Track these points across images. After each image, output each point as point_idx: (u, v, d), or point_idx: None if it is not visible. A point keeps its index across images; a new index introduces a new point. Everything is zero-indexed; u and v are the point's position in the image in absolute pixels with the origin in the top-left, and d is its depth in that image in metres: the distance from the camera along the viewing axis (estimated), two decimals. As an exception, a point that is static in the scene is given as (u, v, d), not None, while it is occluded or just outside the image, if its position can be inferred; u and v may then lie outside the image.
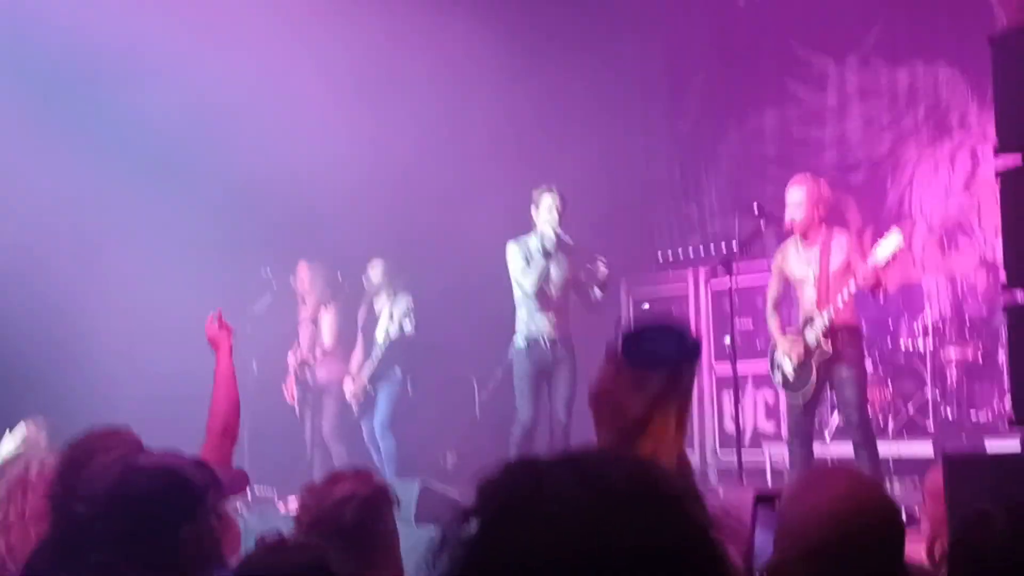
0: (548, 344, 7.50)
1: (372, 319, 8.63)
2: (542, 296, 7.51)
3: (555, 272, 7.54)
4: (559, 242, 7.43)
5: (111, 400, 7.64)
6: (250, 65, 8.62)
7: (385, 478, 7.61)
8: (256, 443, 8.19)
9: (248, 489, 6.17)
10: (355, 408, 8.62)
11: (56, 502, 2.94)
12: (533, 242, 7.52)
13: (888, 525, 2.24)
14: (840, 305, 6.35)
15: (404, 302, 8.35)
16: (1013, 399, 3.59)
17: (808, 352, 6.47)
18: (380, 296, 8.60)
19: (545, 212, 7.47)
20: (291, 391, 9.01)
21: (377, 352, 8.46)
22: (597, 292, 7.55)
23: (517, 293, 7.58)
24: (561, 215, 7.45)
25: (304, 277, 8.96)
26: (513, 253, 7.55)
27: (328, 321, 8.90)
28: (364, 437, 8.57)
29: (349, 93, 8.93)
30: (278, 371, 9.09)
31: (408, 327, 8.29)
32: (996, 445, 6.85)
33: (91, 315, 8.39)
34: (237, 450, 3.84)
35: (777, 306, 6.83)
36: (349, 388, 8.63)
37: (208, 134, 8.50)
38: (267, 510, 7.76)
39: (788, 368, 6.58)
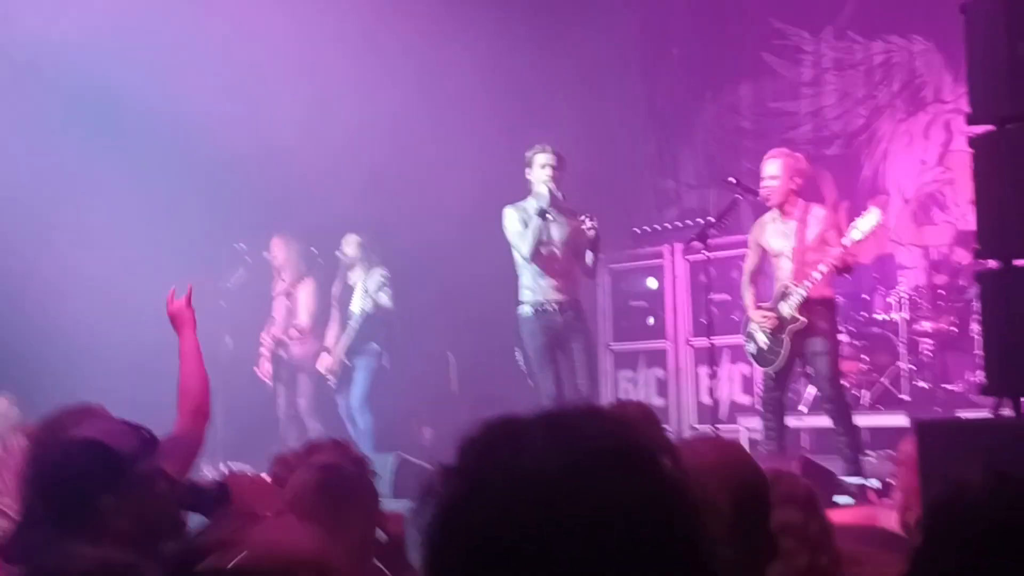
0: (556, 309, 7.13)
1: (347, 293, 8.59)
2: (544, 259, 7.13)
3: (556, 232, 7.18)
4: (553, 200, 7.07)
5: (83, 374, 7.60)
6: (223, 37, 8.55)
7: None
8: (229, 419, 8.16)
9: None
10: (332, 382, 8.58)
11: (25, 480, 2.92)
12: (530, 204, 7.15)
13: (753, 489, 2.24)
14: (817, 278, 6.35)
15: (378, 275, 8.30)
16: (986, 365, 3.61)
17: (781, 325, 6.48)
18: (355, 270, 8.55)
19: (538, 170, 7.11)
20: (264, 368, 8.95)
21: (353, 326, 8.41)
22: (589, 255, 7.21)
23: (517, 258, 7.20)
24: (557, 173, 7.10)
25: (279, 251, 8.89)
26: (510, 216, 7.17)
27: (304, 296, 8.84)
28: (340, 412, 8.52)
29: (324, 65, 8.89)
30: (252, 346, 9.05)
31: (385, 300, 8.24)
32: (969, 416, 6.89)
33: (61, 289, 8.34)
34: (210, 426, 3.80)
35: (753, 279, 6.83)
36: (325, 362, 8.57)
37: (180, 106, 8.44)
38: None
39: (761, 340, 6.60)
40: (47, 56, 8.35)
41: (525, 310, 7.20)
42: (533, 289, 7.17)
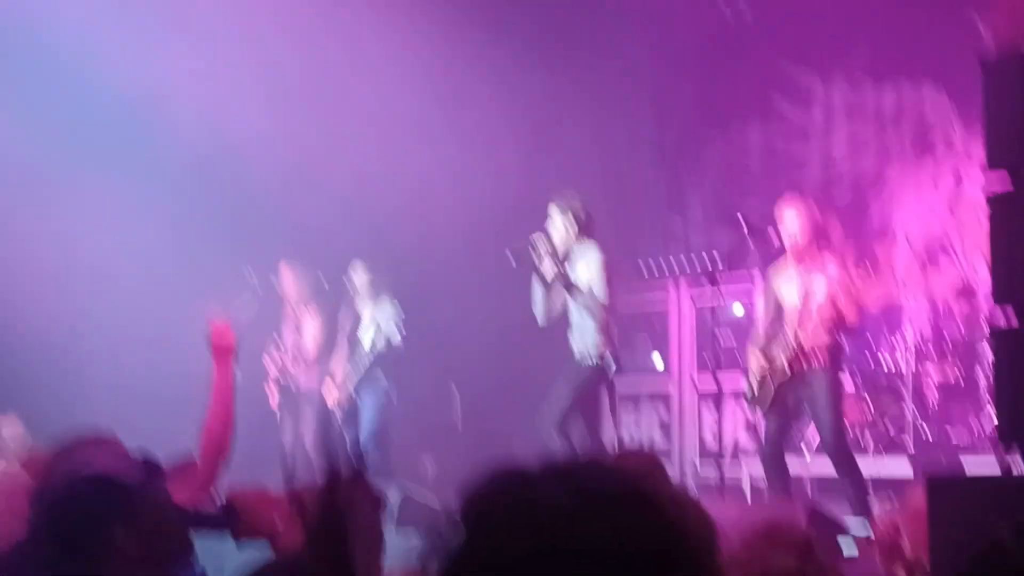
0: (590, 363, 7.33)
1: (354, 323, 8.55)
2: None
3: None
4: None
5: (91, 395, 7.61)
6: (241, 64, 8.60)
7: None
8: (235, 443, 8.13)
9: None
10: (338, 416, 8.50)
11: (32, 511, 2.92)
12: None
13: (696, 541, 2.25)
14: (810, 329, 6.36)
15: (389, 308, 8.25)
16: (998, 420, 3.62)
17: (772, 370, 6.50)
18: (363, 299, 8.51)
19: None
20: (271, 397, 8.91)
21: (363, 360, 8.35)
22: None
23: (598, 307, 7.24)
24: (568, 225, 7.26)
25: (287, 279, 8.88)
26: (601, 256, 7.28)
27: (310, 326, 8.82)
28: (347, 446, 8.43)
29: (338, 94, 8.93)
30: (259, 371, 9.04)
31: (395, 337, 8.20)
32: (973, 463, 6.89)
33: (70, 311, 8.36)
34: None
35: (769, 325, 6.81)
36: (332, 396, 8.53)
37: (197, 134, 8.47)
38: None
39: (753, 383, 6.64)
40: (68, 79, 8.39)
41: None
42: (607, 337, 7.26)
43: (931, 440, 7.91)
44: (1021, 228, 3.57)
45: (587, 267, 7.22)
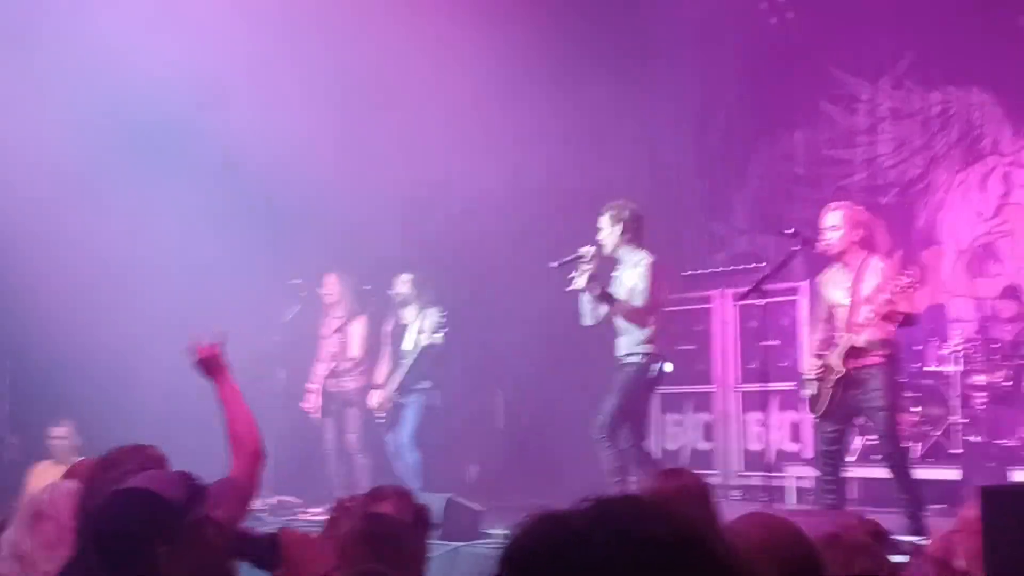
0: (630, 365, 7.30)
1: (399, 331, 8.61)
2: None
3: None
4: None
5: (141, 405, 7.72)
6: (293, 68, 8.68)
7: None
8: (282, 452, 8.22)
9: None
10: (381, 419, 8.58)
11: (77, 527, 2.97)
12: None
13: (802, 563, 2.25)
14: (859, 329, 6.31)
15: (436, 314, 8.31)
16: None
17: (827, 374, 6.46)
18: (408, 308, 8.57)
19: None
20: (312, 402, 8.98)
21: (405, 363, 8.43)
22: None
23: (628, 310, 7.19)
24: (617, 234, 7.24)
25: (333, 288, 8.96)
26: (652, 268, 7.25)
27: (357, 332, 8.90)
28: (387, 449, 8.51)
29: (388, 104, 8.98)
30: (304, 380, 9.12)
31: (439, 340, 8.25)
32: (1022, 472, 6.83)
33: (122, 322, 8.46)
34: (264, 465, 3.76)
35: (823, 327, 6.78)
36: (376, 399, 8.61)
37: (245, 143, 8.56)
38: (291, 519, 7.77)
39: (810, 387, 6.59)
40: (118, 90, 8.50)
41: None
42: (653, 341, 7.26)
43: (979, 446, 7.85)
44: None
45: (635, 272, 7.21)
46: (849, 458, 7.84)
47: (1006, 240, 8.95)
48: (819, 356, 6.56)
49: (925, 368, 8.27)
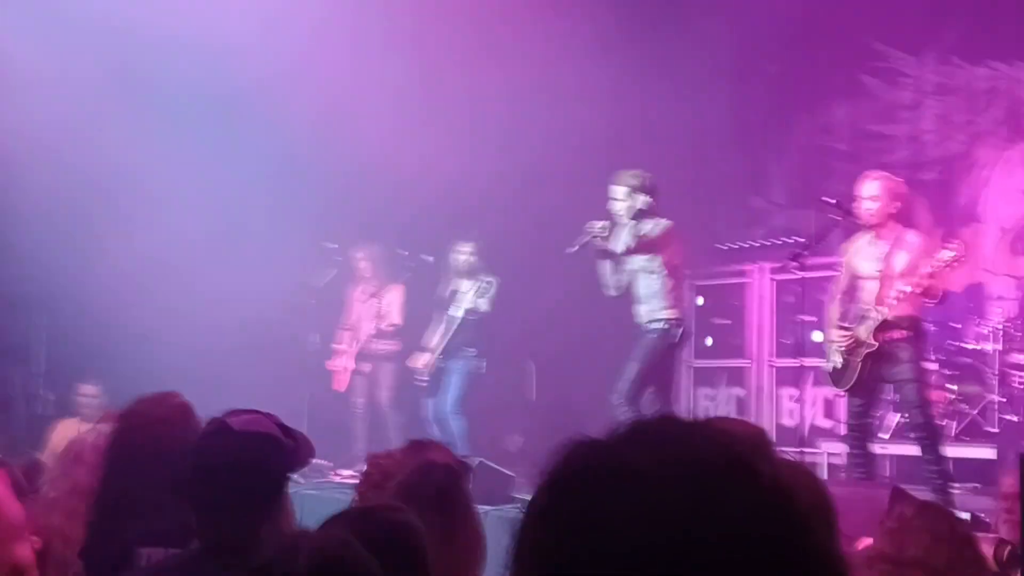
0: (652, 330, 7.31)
1: (452, 297, 8.61)
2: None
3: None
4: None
5: (167, 368, 7.77)
6: (331, 47, 8.68)
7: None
8: (314, 414, 8.28)
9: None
10: (423, 382, 8.57)
11: (111, 468, 2.97)
12: None
13: (816, 514, 2.22)
14: (893, 303, 6.24)
15: (484, 281, 8.36)
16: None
17: (857, 346, 6.40)
18: (464, 277, 8.58)
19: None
20: (345, 370, 9.08)
21: (451, 327, 8.46)
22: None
23: (665, 274, 7.27)
24: (636, 205, 7.25)
25: (368, 256, 9.02)
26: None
27: (395, 298, 8.94)
28: (427, 414, 8.54)
29: (432, 76, 8.97)
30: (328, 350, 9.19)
31: (484, 305, 8.30)
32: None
33: (148, 286, 8.53)
34: (296, 423, 3.78)
35: (842, 299, 6.73)
36: (421, 360, 8.58)
37: (282, 107, 8.59)
38: (322, 481, 7.83)
39: (836, 360, 6.53)
40: (158, 55, 8.54)
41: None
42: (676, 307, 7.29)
43: (1015, 425, 7.76)
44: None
45: (653, 238, 7.19)
46: (883, 435, 7.80)
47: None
48: (844, 328, 6.50)
49: (963, 346, 8.17)
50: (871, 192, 6.43)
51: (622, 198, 7.25)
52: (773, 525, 1.03)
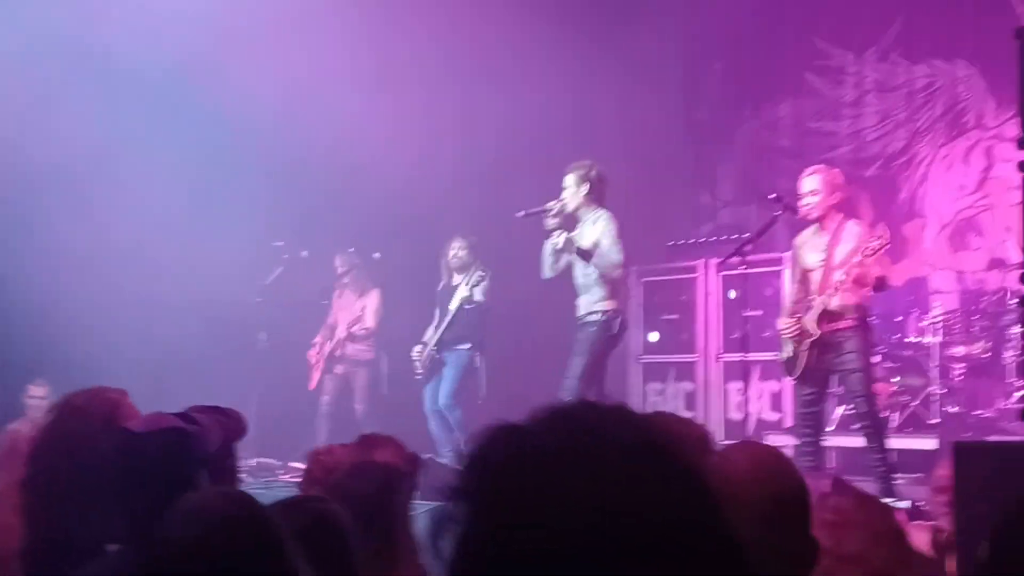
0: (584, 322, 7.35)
1: (447, 293, 8.64)
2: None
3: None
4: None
5: (117, 365, 7.70)
6: (288, 35, 8.65)
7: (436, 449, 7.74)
8: (261, 412, 8.23)
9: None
10: (419, 374, 8.62)
11: (37, 462, 2.94)
12: None
13: (791, 499, 2.26)
14: (834, 292, 6.35)
15: (477, 273, 8.42)
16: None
17: (802, 336, 6.51)
18: (460, 272, 8.62)
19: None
20: (316, 368, 9.13)
21: (448, 319, 8.49)
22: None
23: (610, 265, 7.25)
24: (582, 194, 7.30)
25: (344, 263, 9.13)
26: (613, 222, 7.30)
27: (372, 302, 9.07)
28: (424, 406, 8.54)
29: (389, 73, 8.98)
30: (285, 343, 9.14)
31: (479, 295, 8.35)
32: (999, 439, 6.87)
33: (99, 282, 8.44)
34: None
35: (795, 289, 6.84)
36: (417, 352, 8.63)
37: (237, 104, 8.55)
38: (271, 480, 7.80)
39: (787, 349, 6.65)
40: (116, 48, 8.45)
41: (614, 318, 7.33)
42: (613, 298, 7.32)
43: (956, 416, 7.91)
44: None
45: (595, 229, 7.26)
46: (828, 428, 7.91)
47: (988, 214, 8.99)
48: (794, 318, 6.62)
49: (905, 339, 8.32)
50: (811, 186, 6.56)
51: (571, 186, 7.31)
52: (683, 508, 1.06)
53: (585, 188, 7.30)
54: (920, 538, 4.18)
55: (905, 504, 5.73)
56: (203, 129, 8.76)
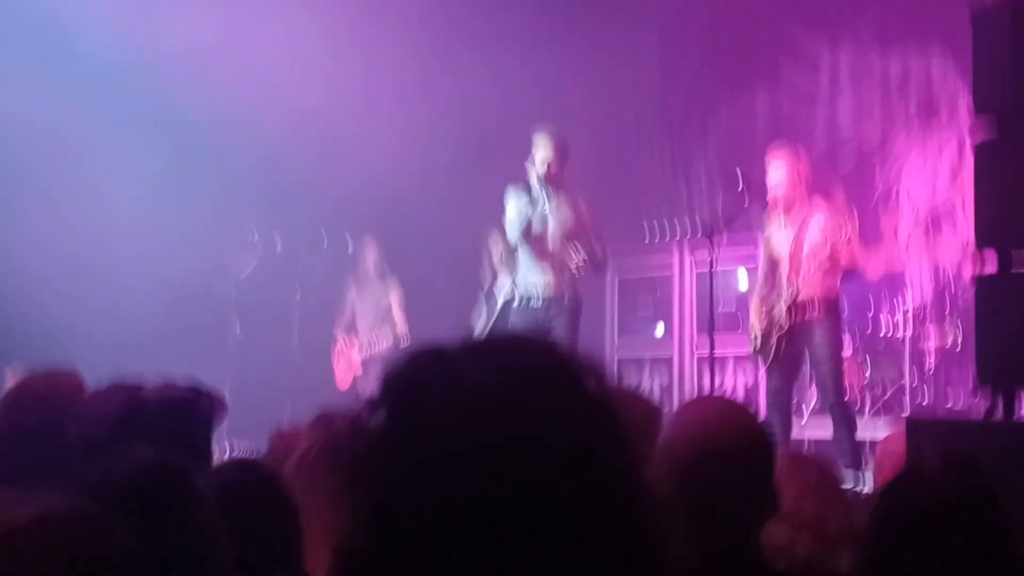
0: (542, 304, 6.90)
1: (491, 287, 8.61)
2: (536, 247, 6.89)
3: (551, 222, 6.93)
4: (546, 189, 6.88)
5: (91, 350, 7.66)
6: (274, 37, 8.65)
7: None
8: (238, 400, 8.19)
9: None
10: None
11: None
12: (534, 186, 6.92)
13: (756, 448, 2.26)
14: (802, 281, 6.35)
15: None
16: (979, 364, 3.64)
17: (773, 325, 6.52)
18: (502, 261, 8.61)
19: (535, 155, 6.92)
20: (350, 368, 9.08)
21: (493, 312, 8.46)
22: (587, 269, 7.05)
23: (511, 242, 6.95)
24: (551, 158, 6.89)
25: (371, 256, 9.13)
26: (510, 197, 6.98)
27: (395, 297, 9.08)
28: None
29: (352, 61, 8.96)
30: (259, 332, 9.11)
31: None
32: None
33: (72, 266, 8.41)
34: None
35: (766, 279, 6.83)
36: None
37: (208, 92, 8.54)
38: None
39: (755, 337, 6.66)
40: (82, 29, 8.42)
41: (513, 296, 7.00)
42: (524, 277, 6.93)
43: (928, 403, 7.93)
44: (1004, 173, 3.58)
45: (558, 209, 7.00)
46: (798, 419, 7.91)
47: (962, 201, 8.99)
48: (764, 310, 6.62)
49: (877, 330, 8.33)
50: (777, 178, 6.57)
51: (544, 147, 7.00)
52: (590, 433, 1.07)
53: (559, 151, 7.01)
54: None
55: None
56: (173, 113, 8.74)
